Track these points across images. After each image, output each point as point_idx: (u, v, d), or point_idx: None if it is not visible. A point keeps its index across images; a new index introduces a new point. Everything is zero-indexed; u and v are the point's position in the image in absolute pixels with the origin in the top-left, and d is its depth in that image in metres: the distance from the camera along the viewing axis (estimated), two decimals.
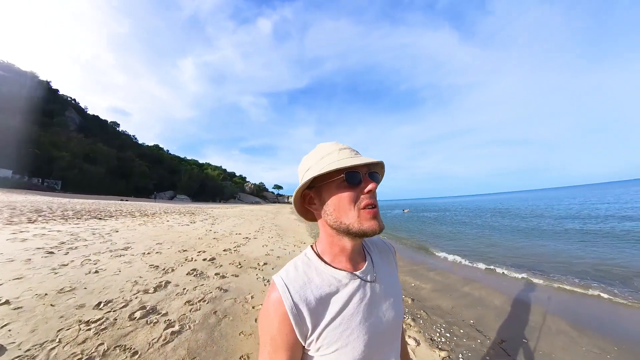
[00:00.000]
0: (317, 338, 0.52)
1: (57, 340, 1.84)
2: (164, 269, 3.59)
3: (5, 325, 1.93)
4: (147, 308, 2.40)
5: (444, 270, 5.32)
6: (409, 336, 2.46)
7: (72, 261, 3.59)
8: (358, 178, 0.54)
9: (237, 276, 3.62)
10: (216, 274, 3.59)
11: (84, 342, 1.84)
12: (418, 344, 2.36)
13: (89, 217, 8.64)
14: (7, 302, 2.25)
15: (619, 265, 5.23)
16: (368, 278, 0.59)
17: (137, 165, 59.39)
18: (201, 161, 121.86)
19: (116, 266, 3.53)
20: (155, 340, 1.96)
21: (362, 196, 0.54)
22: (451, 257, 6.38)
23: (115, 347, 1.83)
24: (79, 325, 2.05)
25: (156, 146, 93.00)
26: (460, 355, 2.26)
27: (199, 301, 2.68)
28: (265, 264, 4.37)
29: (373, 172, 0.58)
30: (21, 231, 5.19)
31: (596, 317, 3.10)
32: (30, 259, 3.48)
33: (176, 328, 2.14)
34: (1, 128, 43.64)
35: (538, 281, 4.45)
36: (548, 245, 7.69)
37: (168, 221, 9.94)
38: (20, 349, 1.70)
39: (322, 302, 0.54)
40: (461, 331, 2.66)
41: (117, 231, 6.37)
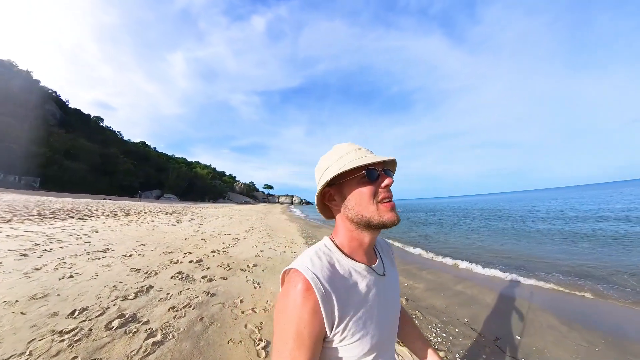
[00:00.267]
0: (344, 328, 0.54)
1: (28, 352, 1.67)
2: (147, 272, 3.38)
3: None
4: (127, 316, 2.23)
5: (436, 269, 5.34)
6: None
7: (46, 264, 3.33)
8: (376, 174, 0.58)
9: (226, 279, 3.47)
10: (203, 277, 3.42)
11: (57, 355, 1.67)
12: None
13: (67, 217, 8.16)
14: None
15: (599, 263, 5.41)
16: (381, 272, 0.65)
17: (122, 162, 57.20)
18: (190, 159, 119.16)
19: (93, 270, 3.29)
20: (134, 352, 1.80)
21: (380, 190, 0.58)
22: (440, 258, 6.43)
23: None
24: (52, 335, 1.87)
25: (142, 143, 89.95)
26: (457, 355, 2.25)
27: (184, 307, 2.52)
28: (255, 266, 4.23)
29: (387, 169, 0.63)
30: None
31: (582, 313, 3.20)
32: (1, 262, 3.23)
33: (158, 338, 1.98)
34: None
35: (525, 279, 4.54)
36: (532, 244, 7.89)
37: (153, 221, 9.56)
38: None
39: (348, 293, 0.56)
40: (456, 330, 2.66)
41: (97, 232, 6.03)
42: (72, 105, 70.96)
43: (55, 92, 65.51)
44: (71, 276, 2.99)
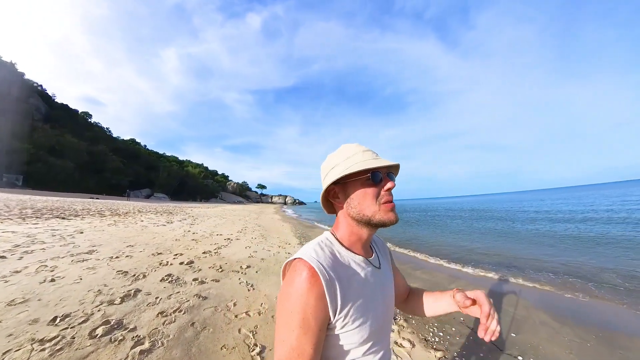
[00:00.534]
0: (346, 314, 0.57)
1: None
2: (134, 275, 3.25)
3: None
4: (112, 323, 2.11)
5: (430, 269, 5.36)
6: (403, 338, 2.41)
7: (26, 267, 3.16)
8: (380, 177, 0.64)
9: (218, 281, 3.37)
10: (194, 280, 3.31)
11: None
12: (413, 346, 2.30)
13: (51, 217, 7.84)
14: None
15: (587, 262, 5.55)
16: (376, 264, 0.71)
17: (111, 160, 55.47)
18: (181, 158, 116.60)
19: (77, 273, 3.14)
20: None
21: (383, 192, 0.63)
22: (433, 258, 6.46)
23: None
24: (32, 344, 1.74)
25: (132, 140, 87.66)
26: (455, 353, 2.26)
27: (174, 311, 2.42)
28: (248, 267, 4.13)
29: (390, 173, 0.67)
30: None
31: (573, 310, 3.28)
32: None
33: (146, 346, 1.88)
34: None
35: (516, 278, 4.61)
36: (522, 244, 8.03)
37: (142, 221, 9.29)
38: None
39: (349, 281, 0.60)
40: (453, 329, 2.67)
41: (82, 232, 5.80)
42: (59, 99, 68.63)
43: (40, 86, 63.10)
44: (53, 280, 2.84)
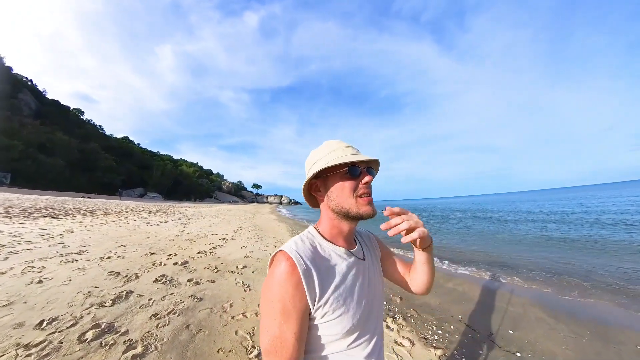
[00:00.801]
0: (324, 304, 0.58)
1: None
2: (126, 276, 3.14)
3: None
4: (102, 326, 2.02)
5: None
6: (403, 337, 2.40)
7: (12, 268, 3.03)
8: (358, 171, 0.65)
9: (214, 282, 3.29)
10: (189, 280, 3.22)
11: None
12: (413, 344, 2.28)
13: (40, 216, 7.61)
14: None
15: (578, 262, 5.63)
16: (360, 256, 0.72)
17: (103, 158, 54.37)
18: (176, 157, 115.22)
19: (66, 274, 3.02)
20: None
21: (360, 186, 0.65)
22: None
23: None
24: (17, 350, 1.65)
25: (125, 138, 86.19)
26: (455, 351, 2.26)
27: (168, 314, 2.34)
28: (244, 267, 4.06)
29: (370, 168, 0.69)
30: None
31: (567, 306, 3.35)
32: None
33: (138, 350, 1.80)
34: None
35: (511, 276, 4.68)
36: (515, 243, 8.12)
37: (135, 220, 9.11)
38: None
39: (328, 271, 0.62)
40: (452, 327, 2.67)
41: (72, 232, 5.63)
42: (50, 95, 67.04)
43: (30, 81, 61.57)
44: (40, 281, 2.72)
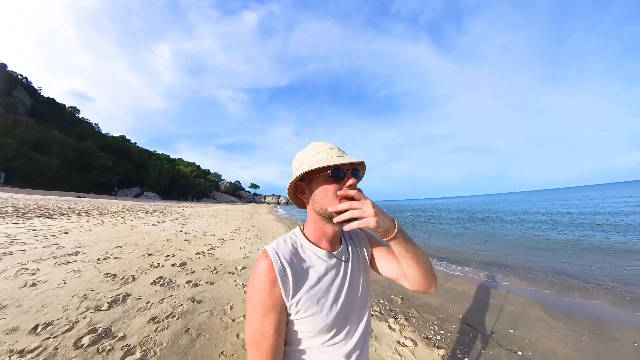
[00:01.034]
0: (297, 302, 0.61)
1: None
2: (123, 278, 3.08)
3: None
4: (99, 331, 1.96)
5: None
6: (406, 337, 2.38)
7: (5, 270, 2.96)
8: (342, 174, 0.64)
9: (213, 283, 3.23)
10: (188, 282, 3.16)
11: None
12: (416, 345, 2.26)
13: (34, 216, 7.47)
14: None
15: (574, 262, 5.66)
16: (343, 258, 0.72)
17: (99, 157, 53.80)
18: (173, 156, 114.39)
19: (61, 276, 2.95)
20: None
21: (344, 188, 0.63)
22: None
23: None
24: (10, 356, 1.60)
25: (122, 137, 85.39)
26: (457, 351, 2.25)
27: (167, 317, 2.28)
28: (243, 268, 4.00)
29: (355, 170, 0.69)
30: None
31: (565, 306, 3.39)
32: None
33: (137, 355, 1.74)
34: None
35: (509, 276, 4.70)
36: (513, 244, 8.14)
37: (132, 220, 8.99)
38: None
39: (304, 271, 0.65)
40: (453, 327, 2.68)
41: (67, 232, 5.53)
42: (45, 93, 66.25)
43: (25, 78, 60.80)
44: (34, 284, 2.64)
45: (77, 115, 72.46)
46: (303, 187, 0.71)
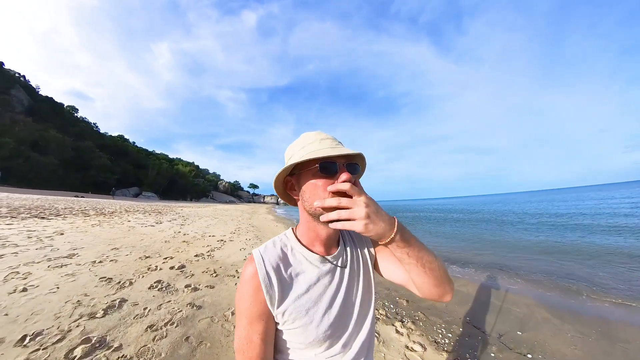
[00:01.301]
0: (284, 312, 0.56)
1: None
2: (120, 282, 2.95)
3: None
4: (93, 341, 1.84)
5: None
6: (414, 341, 2.31)
7: None
8: (334, 168, 0.55)
9: (213, 287, 3.11)
10: (187, 286, 3.04)
11: None
12: (425, 349, 2.19)
13: (28, 216, 7.31)
14: None
15: (577, 264, 5.61)
16: (339, 263, 0.64)
17: (98, 157, 53.41)
18: (172, 156, 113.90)
19: (54, 280, 2.81)
20: None
21: (336, 183, 0.55)
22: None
23: None
24: None
25: (121, 137, 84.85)
26: (467, 355, 2.19)
27: (166, 324, 2.16)
28: None
29: (353, 164, 0.59)
30: None
31: (571, 307, 3.36)
32: None
33: None
34: None
35: (513, 277, 4.66)
36: (513, 245, 8.06)
37: (129, 221, 8.84)
38: None
39: (292, 278, 0.59)
40: (461, 330, 2.62)
41: (63, 234, 5.37)
42: (43, 92, 65.86)
43: (23, 77, 60.42)
44: (24, 289, 2.51)
45: (76, 114, 72.03)
46: (293, 183, 0.63)
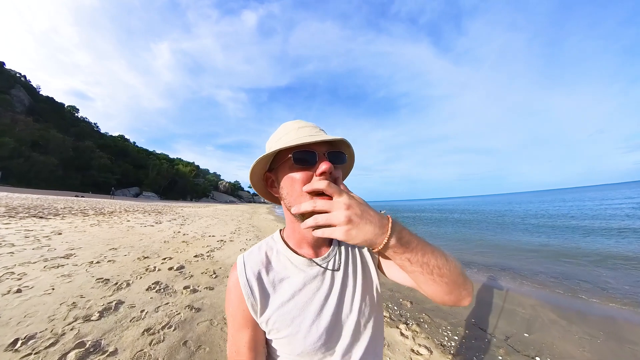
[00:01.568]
0: (267, 321, 0.52)
1: None
2: (117, 284, 2.89)
3: None
4: (87, 345, 1.77)
5: None
6: (419, 344, 2.26)
7: None
8: (311, 158, 0.47)
9: (212, 289, 3.05)
10: (185, 288, 2.97)
11: None
12: (431, 353, 2.14)
13: (27, 216, 7.25)
14: None
15: (579, 264, 5.60)
16: (329, 266, 0.57)
17: (98, 157, 53.51)
18: (172, 156, 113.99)
19: (49, 281, 2.75)
20: None
21: (315, 177, 0.47)
22: None
23: None
24: None
25: (121, 137, 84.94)
26: (474, 358, 2.15)
27: (163, 328, 2.10)
28: None
29: (336, 152, 0.50)
30: None
31: (577, 308, 3.33)
32: None
33: None
34: None
35: (516, 279, 4.60)
36: (517, 245, 8.00)
37: (129, 221, 8.78)
38: None
39: (275, 285, 0.54)
40: (467, 332, 2.58)
41: (61, 233, 5.32)
42: (44, 92, 66.01)
43: (24, 77, 60.53)
44: (19, 290, 2.45)
45: (76, 114, 72.19)
46: (273, 180, 0.56)
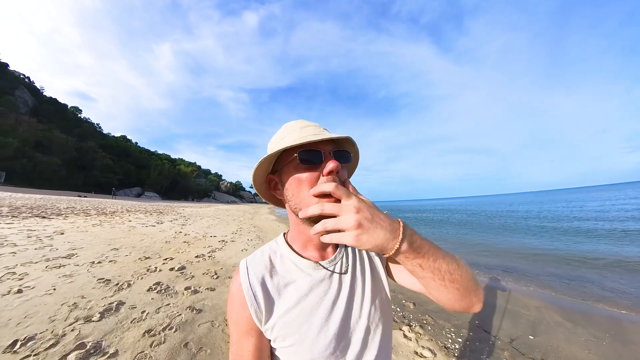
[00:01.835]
0: (272, 328, 0.50)
1: None
2: (118, 284, 2.87)
3: None
4: (88, 346, 1.76)
5: None
6: (423, 347, 2.22)
7: None
8: (317, 158, 0.47)
9: (213, 290, 3.03)
10: (187, 289, 2.95)
11: None
12: (435, 355, 2.11)
13: (30, 216, 7.28)
14: None
15: (585, 266, 5.53)
16: (336, 269, 0.55)
17: (100, 157, 53.86)
18: (174, 156, 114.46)
19: (51, 281, 2.74)
20: None
21: (322, 179, 0.46)
22: None
23: None
24: None
25: (123, 137, 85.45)
26: None
27: (164, 329, 2.08)
28: None
29: (342, 151, 0.50)
30: None
31: (582, 310, 3.30)
32: None
33: None
34: None
35: (520, 280, 4.57)
36: (520, 246, 7.96)
37: (130, 221, 8.80)
38: None
39: (279, 290, 0.52)
40: (470, 334, 2.54)
41: (63, 233, 5.33)
42: (47, 93, 66.51)
43: (28, 78, 61.05)
44: (20, 290, 2.44)
45: (79, 115, 72.71)
46: (276, 182, 0.55)
